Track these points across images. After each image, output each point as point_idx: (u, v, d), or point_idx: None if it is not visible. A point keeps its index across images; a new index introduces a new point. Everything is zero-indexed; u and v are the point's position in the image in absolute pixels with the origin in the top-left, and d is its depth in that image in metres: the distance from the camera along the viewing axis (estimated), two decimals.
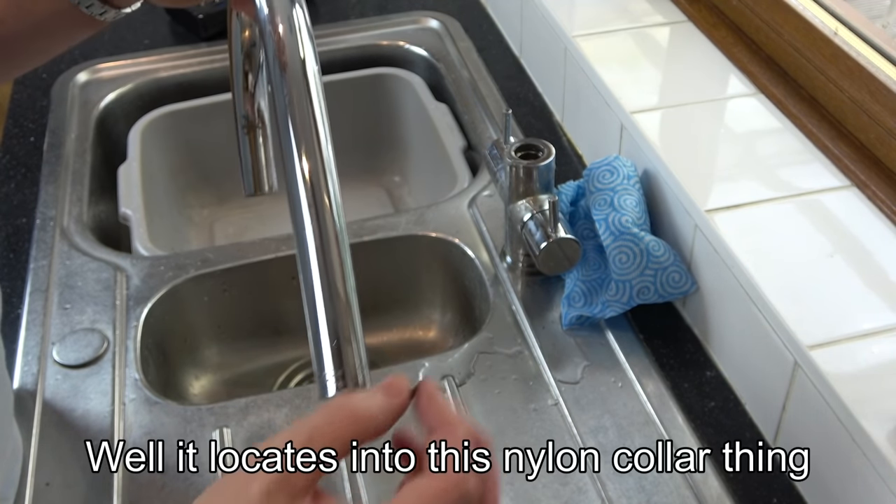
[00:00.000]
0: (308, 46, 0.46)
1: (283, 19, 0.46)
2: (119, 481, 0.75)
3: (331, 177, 0.44)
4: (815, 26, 0.90)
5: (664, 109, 0.93)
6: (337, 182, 0.45)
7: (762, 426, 0.77)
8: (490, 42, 1.33)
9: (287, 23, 0.46)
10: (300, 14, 0.47)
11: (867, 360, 0.67)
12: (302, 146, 0.45)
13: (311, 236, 0.43)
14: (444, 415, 0.41)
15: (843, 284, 0.73)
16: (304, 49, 0.46)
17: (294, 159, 0.44)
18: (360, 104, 1.32)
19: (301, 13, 0.47)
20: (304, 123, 0.45)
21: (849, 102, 0.86)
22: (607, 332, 0.86)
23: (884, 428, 0.62)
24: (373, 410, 0.40)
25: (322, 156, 0.45)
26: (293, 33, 0.46)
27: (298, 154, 0.44)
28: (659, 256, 0.84)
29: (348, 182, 1.34)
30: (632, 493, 0.72)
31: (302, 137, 0.45)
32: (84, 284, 0.94)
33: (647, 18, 1.08)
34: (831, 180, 0.83)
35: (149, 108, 1.24)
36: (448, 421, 0.41)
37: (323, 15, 1.41)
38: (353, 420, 0.40)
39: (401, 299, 1.04)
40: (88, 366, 0.85)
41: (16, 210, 1.05)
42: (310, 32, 0.47)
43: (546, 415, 0.79)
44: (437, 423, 0.41)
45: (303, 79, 0.45)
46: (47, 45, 0.69)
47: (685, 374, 0.82)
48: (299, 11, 0.47)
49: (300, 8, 0.47)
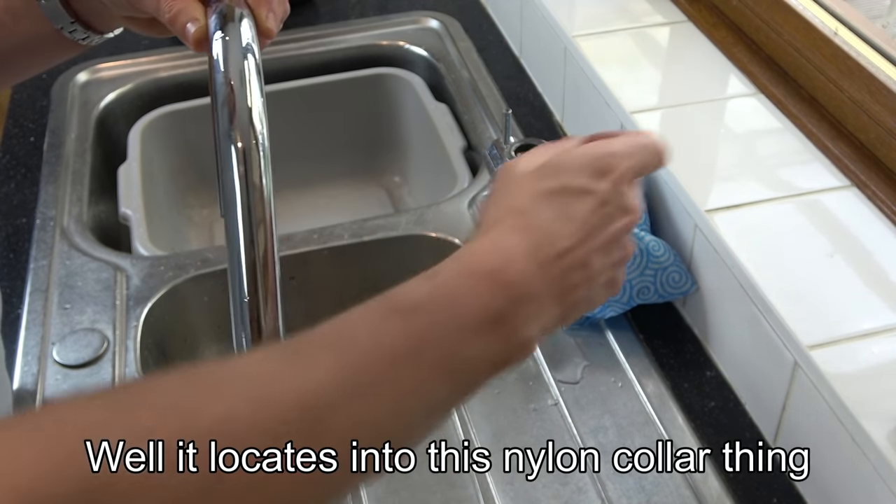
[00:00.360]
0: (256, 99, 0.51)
1: (235, 74, 0.50)
2: None
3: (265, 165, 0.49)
4: (815, 26, 0.90)
5: (664, 109, 0.93)
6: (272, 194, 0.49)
7: (762, 426, 0.77)
8: (490, 42, 1.33)
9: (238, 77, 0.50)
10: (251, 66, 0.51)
11: (867, 360, 0.67)
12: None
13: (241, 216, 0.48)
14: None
15: (843, 284, 0.73)
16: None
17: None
18: (360, 104, 1.32)
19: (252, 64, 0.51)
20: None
21: (849, 102, 0.86)
22: (607, 332, 0.86)
23: (884, 428, 0.62)
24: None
25: (258, 146, 0.50)
26: (243, 87, 0.50)
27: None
28: (659, 256, 0.84)
29: (348, 182, 1.35)
30: (632, 493, 0.72)
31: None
32: (84, 284, 0.94)
33: (647, 18, 1.08)
34: (831, 180, 0.83)
35: (149, 108, 1.24)
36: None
37: (323, 15, 1.41)
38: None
39: None
40: (88, 366, 0.85)
41: (16, 210, 1.05)
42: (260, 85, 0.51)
43: (546, 415, 0.79)
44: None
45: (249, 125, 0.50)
46: (30, 64, 0.70)
47: (685, 374, 0.82)
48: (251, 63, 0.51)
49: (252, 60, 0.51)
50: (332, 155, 1.33)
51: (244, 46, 0.52)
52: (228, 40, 0.51)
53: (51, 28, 0.63)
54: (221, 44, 0.52)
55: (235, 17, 0.53)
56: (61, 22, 0.64)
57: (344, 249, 0.98)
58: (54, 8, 0.63)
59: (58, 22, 0.63)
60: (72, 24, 0.64)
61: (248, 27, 0.53)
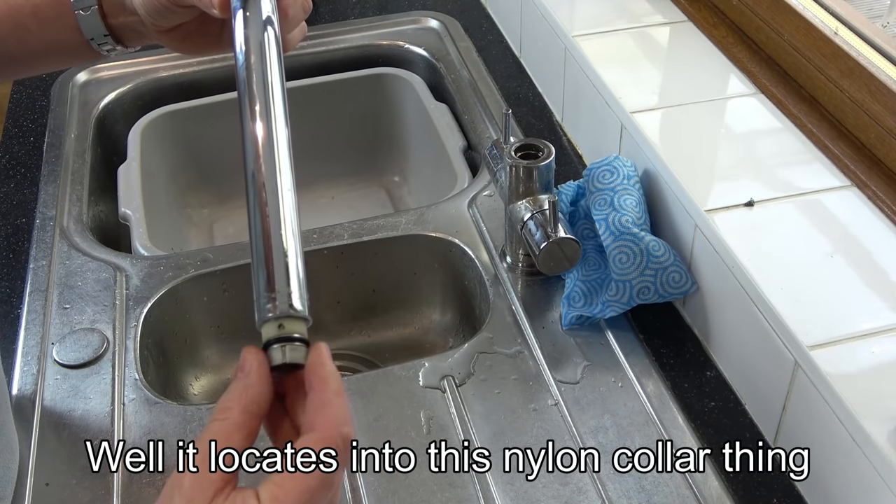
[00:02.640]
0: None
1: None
2: (119, 481, 0.75)
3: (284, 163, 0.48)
4: (815, 26, 0.90)
5: (664, 109, 0.93)
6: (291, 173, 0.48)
7: (762, 426, 0.77)
8: (490, 42, 1.33)
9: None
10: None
11: (867, 360, 0.67)
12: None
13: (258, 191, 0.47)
14: (327, 369, 0.44)
15: (843, 284, 0.73)
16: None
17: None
18: (360, 104, 1.32)
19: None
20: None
21: (849, 102, 0.86)
22: (607, 332, 0.86)
23: (884, 428, 0.62)
24: (236, 392, 0.43)
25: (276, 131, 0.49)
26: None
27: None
28: (659, 256, 0.84)
29: (348, 182, 1.35)
30: (632, 493, 0.72)
31: None
32: (84, 284, 0.94)
33: (647, 18, 1.08)
34: (831, 180, 0.83)
35: (149, 108, 1.24)
36: (328, 376, 0.43)
37: (323, 15, 1.41)
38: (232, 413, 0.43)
39: (401, 299, 1.04)
40: (88, 366, 0.85)
41: (15, 210, 1.05)
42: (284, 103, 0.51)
43: (546, 415, 0.79)
44: (318, 379, 0.43)
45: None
46: (43, 66, 0.70)
47: (685, 374, 0.82)
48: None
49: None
50: (332, 155, 1.33)
51: (265, 20, 0.53)
52: (249, 15, 0.53)
53: (77, 37, 0.63)
54: (241, 16, 0.53)
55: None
56: (94, 34, 0.64)
57: (344, 249, 0.98)
58: (93, 20, 0.63)
59: (90, 33, 0.63)
60: (105, 36, 0.64)
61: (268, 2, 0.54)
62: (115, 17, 0.63)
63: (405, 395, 0.82)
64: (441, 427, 0.79)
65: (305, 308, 0.44)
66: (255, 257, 0.46)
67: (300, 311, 0.44)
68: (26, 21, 0.63)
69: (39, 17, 0.63)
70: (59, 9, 0.63)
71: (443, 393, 0.82)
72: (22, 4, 0.63)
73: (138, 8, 0.62)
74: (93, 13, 0.62)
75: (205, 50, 0.66)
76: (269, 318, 0.44)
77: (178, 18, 0.62)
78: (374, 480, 0.74)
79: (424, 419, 0.79)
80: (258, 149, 0.48)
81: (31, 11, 0.63)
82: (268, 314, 0.44)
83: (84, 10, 0.62)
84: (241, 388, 0.43)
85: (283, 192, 0.47)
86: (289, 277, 0.44)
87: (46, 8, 0.63)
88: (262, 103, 0.50)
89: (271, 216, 0.46)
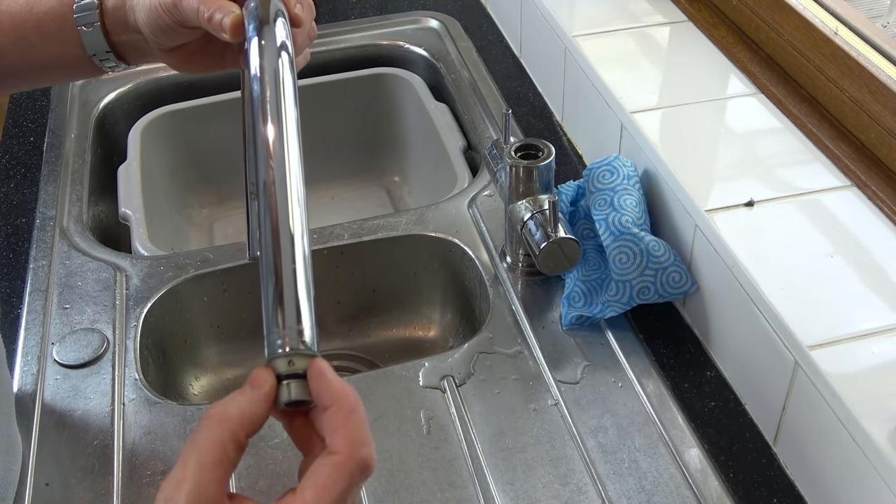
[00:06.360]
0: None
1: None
2: (119, 481, 0.75)
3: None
4: (815, 26, 0.90)
5: (664, 109, 0.93)
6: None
7: (762, 426, 0.77)
8: (490, 42, 1.33)
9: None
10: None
11: (867, 360, 0.67)
12: None
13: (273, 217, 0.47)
14: (334, 390, 0.44)
15: (843, 284, 0.73)
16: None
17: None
18: (360, 104, 1.32)
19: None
20: None
21: (849, 102, 0.86)
22: (607, 332, 0.86)
23: (884, 428, 0.62)
24: (243, 405, 0.43)
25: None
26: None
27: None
28: (659, 256, 0.84)
29: (348, 182, 1.35)
30: (632, 493, 0.72)
31: None
32: (84, 284, 0.94)
33: (647, 18, 1.08)
34: (831, 180, 0.83)
35: (149, 108, 1.24)
36: (337, 395, 0.43)
37: (323, 15, 1.41)
38: (229, 421, 0.43)
39: (401, 299, 1.04)
40: (88, 366, 0.85)
41: (15, 210, 1.05)
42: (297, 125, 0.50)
43: (546, 415, 0.79)
44: (329, 400, 0.43)
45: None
46: (44, 80, 0.70)
47: (685, 374, 0.82)
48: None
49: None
50: (332, 155, 1.33)
51: (279, 45, 0.53)
52: (264, 43, 0.53)
53: (80, 53, 0.63)
54: (256, 42, 0.53)
55: (271, 12, 0.54)
56: (96, 50, 0.64)
57: (344, 249, 0.98)
58: (95, 37, 0.63)
59: (93, 49, 0.63)
60: (107, 53, 0.64)
61: (282, 25, 0.54)
62: (118, 34, 0.63)
63: (405, 396, 0.82)
64: (441, 427, 0.79)
65: (315, 345, 0.45)
66: (265, 289, 0.47)
67: (310, 347, 0.44)
68: (29, 35, 0.63)
69: (42, 31, 0.63)
70: (62, 24, 0.63)
71: (443, 393, 0.82)
72: (25, 18, 0.63)
73: (142, 26, 0.62)
74: (95, 29, 0.63)
75: (208, 69, 0.66)
76: (278, 354, 0.44)
77: (183, 38, 0.62)
78: (374, 480, 0.74)
79: (424, 419, 0.79)
80: (273, 191, 0.48)
81: (34, 25, 0.63)
82: (277, 349, 0.44)
83: (87, 26, 0.62)
84: (247, 402, 0.44)
85: (299, 240, 0.48)
86: (300, 314, 0.45)
87: (49, 23, 0.63)
88: (277, 138, 0.49)
89: (284, 256, 0.47)
